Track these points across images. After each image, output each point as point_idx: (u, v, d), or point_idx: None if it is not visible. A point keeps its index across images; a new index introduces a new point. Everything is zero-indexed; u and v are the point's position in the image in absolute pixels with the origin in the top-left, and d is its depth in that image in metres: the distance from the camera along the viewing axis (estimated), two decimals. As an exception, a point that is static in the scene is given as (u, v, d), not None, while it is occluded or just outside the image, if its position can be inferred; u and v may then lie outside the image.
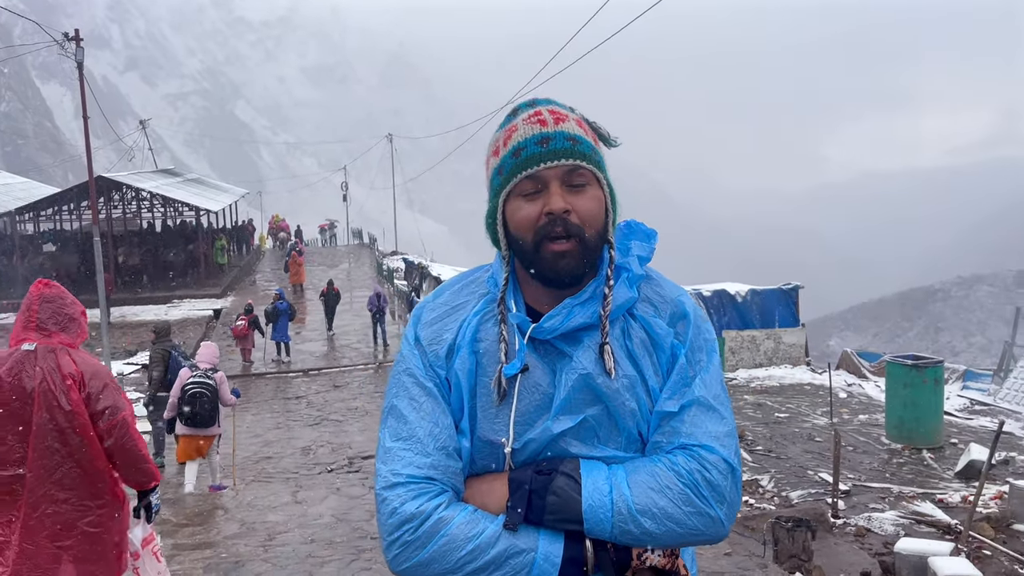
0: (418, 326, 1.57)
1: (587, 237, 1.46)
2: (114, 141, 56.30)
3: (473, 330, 1.51)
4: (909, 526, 7.61)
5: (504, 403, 1.46)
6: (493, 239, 1.56)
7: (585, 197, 1.47)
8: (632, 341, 1.50)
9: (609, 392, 1.46)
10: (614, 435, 1.47)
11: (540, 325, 1.47)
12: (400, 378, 1.53)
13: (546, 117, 1.48)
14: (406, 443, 1.46)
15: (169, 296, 28.31)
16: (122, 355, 18.51)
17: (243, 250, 40.83)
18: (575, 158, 1.45)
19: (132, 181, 32.98)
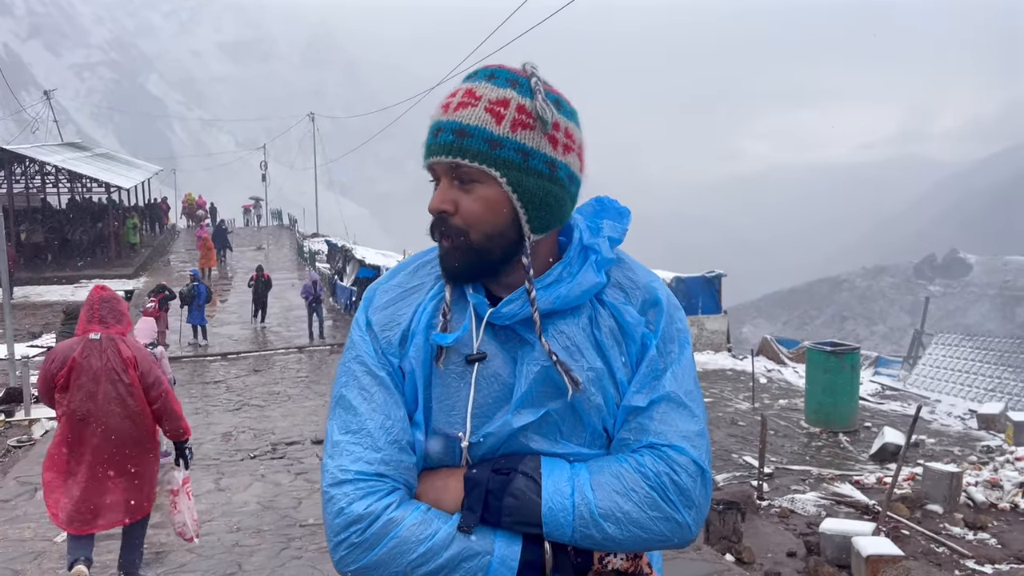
0: (369, 309, 1.45)
1: (471, 239, 1.33)
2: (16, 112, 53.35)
3: (429, 315, 1.40)
4: (830, 507, 7.88)
5: (459, 394, 1.36)
6: None
7: (469, 197, 1.33)
8: (600, 330, 1.39)
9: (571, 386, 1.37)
10: (578, 430, 1.37)
11: (498, 310, 1.35)
12: (350, 366, 1.42)
13: (452, 100, 1.34)
14: (355, 436, 1.35)
15: (77, 276, 27.03)
16: (26, 337, 17.56)
17: (156, 229, 39.32)
18: (455, 155, 1.31)
19: (35, 154, 31.27)
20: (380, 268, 20.04)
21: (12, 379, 12.68)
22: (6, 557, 6.58)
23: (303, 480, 8.63)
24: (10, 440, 10.55)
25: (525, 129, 1.33)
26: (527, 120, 1.33)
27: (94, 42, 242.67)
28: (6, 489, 8.53)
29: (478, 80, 1.35)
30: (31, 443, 10.45)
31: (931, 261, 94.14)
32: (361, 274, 20.94)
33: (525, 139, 1.32)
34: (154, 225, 39.09)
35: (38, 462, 9.44)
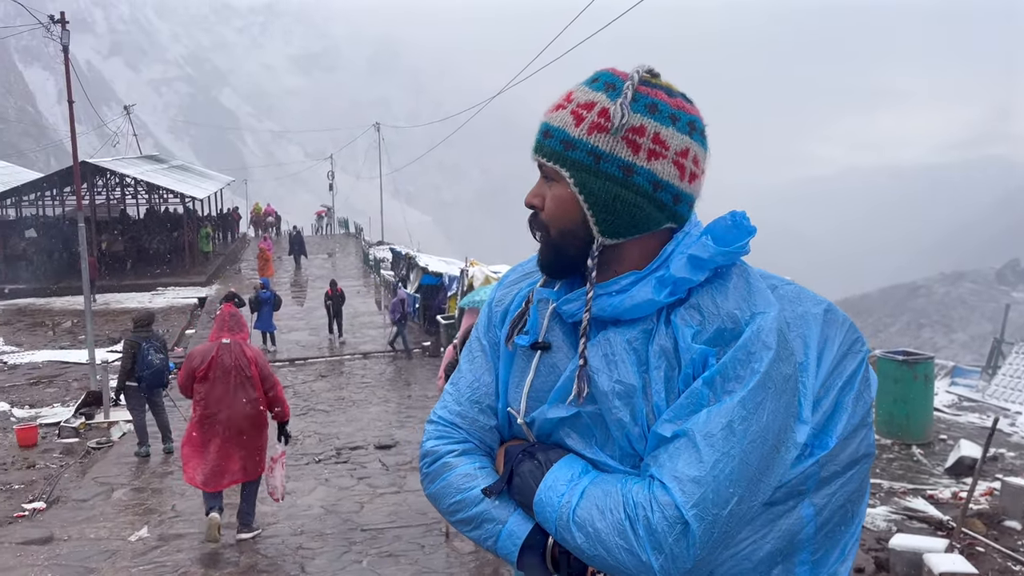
0: (499, 286, 1.62)
1: (551, 234, 1.42)
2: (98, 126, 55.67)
3: (521, 299, 1.54)
4: (901, 522, 7.61)
5: (524, 375, 1.47)
6: None
7: (550, 195, 1.41)
8: (652, 347, 1.34)
9: (599, 393, 1.36)
10: (609, 442, 1.38)
11: (559, 305, 1.44)
12: (473, 335, 1.62)
13: (555, 103, 1.42)
14: (452, 388, 1.56)
15: (153, 284, 28.03)
16: (105, 342, 18.28)
17: (228, 238, 40.51)
18: (538, 153, 1.41)
19: (116, 167, 32.58)
20: (443, 275, 20.18)
21: (93, 383, 13.21)
22: (81, 556, 6.84)
23: (365, 485, 8.76)
24: (90, 442, 10.99)
25: (601, 132, 1.33)
26: (605, 123, 1.33)
27: (171, 58, 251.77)
28: (84, 489, 8.89)
29: (584, 84, 1.41)
30: (109, 445, 10.87)
31: (1014, 266, 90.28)
32: (424, 281, 21.11)
33: (599, 142, 1.33)
34: (226, 234, 40.28)
35: (116, 463, 9.83)
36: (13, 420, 12.17)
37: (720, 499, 1.23)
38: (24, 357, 17.70)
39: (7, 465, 9.96)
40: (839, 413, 1.37)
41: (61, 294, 26.28)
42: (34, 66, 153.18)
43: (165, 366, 9.79)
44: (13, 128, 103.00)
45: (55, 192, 35.38)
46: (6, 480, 9.34)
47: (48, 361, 17.31)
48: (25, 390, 14.63)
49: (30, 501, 8.50)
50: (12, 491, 8.94)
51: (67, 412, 12.47)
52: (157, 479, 9.17)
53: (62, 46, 14.23)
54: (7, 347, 18.96)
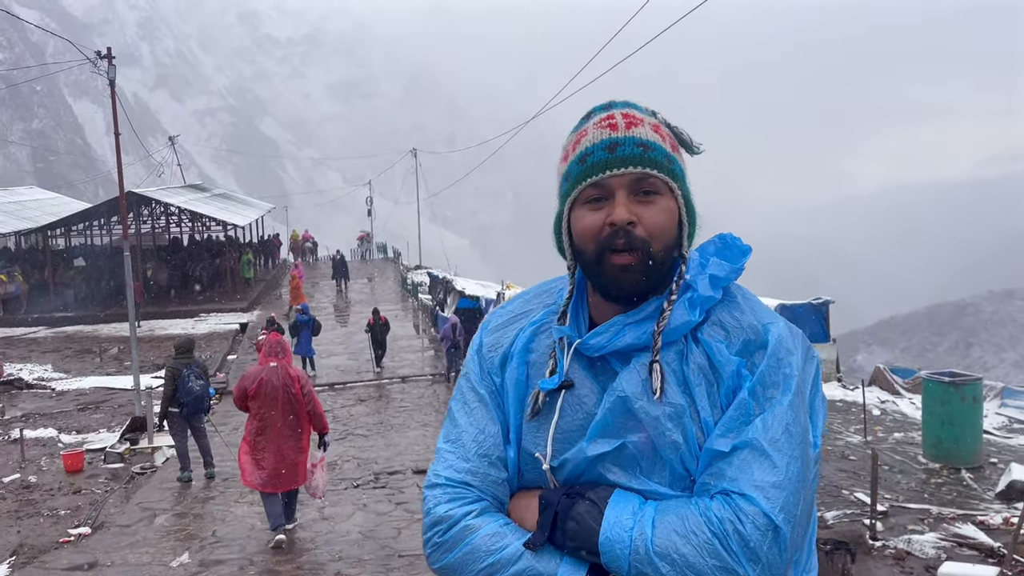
0: (484, 331, 1.56)
1: (653, 251, 1.35)
2: (144, 157, 57.12)
3: (526, 340, 1.49)
4: (950, 549, 7.39)
5: (546, 418, 1.41)
6: (559, 248, 1.49)
7: (654, 208, 1.37)
8: (688, 366, 1.37)
9: (648, 419, 1.34)
10: (657, 468, 1.35)
11: (586, 341, 1.40)
12: (460, 382, 1.54)
13: (618, 121, 1.39)
14: (452, 445, 1.46)
15: (196, 310, 28.52)
16: (150, 368, 18.62)
17: (269, 264, 41.12)
18: (644, 165, 1.36)
19: (161, 196, 33.36)
20: (480, 299, 20.23)
21: (138, 408, 13.45)
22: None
23: (403, 510, 8.76)
24: (134, 467, 11.17)
25: (676, 152, 1.43)
26: (672, 140, 1.43)
27: (214, 89, 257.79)
28: (128, 514, 9.02)
29: (620, 107, 1.43)
30: (153, 470, 11.04)
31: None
32: (461, 304, 21.20)
33: (680, 159, 1.43)
34: (267, 260, 40.91)
35: (159, 488, 9.97)
36: (60, 446, 12.42)
37: (796, 500, 1.30)
38: (72, 383, 18.10)
39: (54, 491, 10.16)
40: (816, 414, 1.43)
41: (108, 321, 26.88)
42: (83, 100, 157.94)
43: (205, 392, 9.92)
44: (63, 160, 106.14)
45: (103, 222, 36.30)
46: (53, 505, 9.53)
47: (95, 387, 17.68)
48: (72, 416, 14.94)
49: (76, 526, 8.65)
50: (58, 517, 9.11)
51: (112, 438, 12.70)
52: (199, 504, 9.28)
53: (109, 80, 14.66)
54: (56, 373, 19.42)
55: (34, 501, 9.71)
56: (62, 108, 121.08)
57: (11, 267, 29.99)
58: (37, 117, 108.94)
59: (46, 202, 39.41)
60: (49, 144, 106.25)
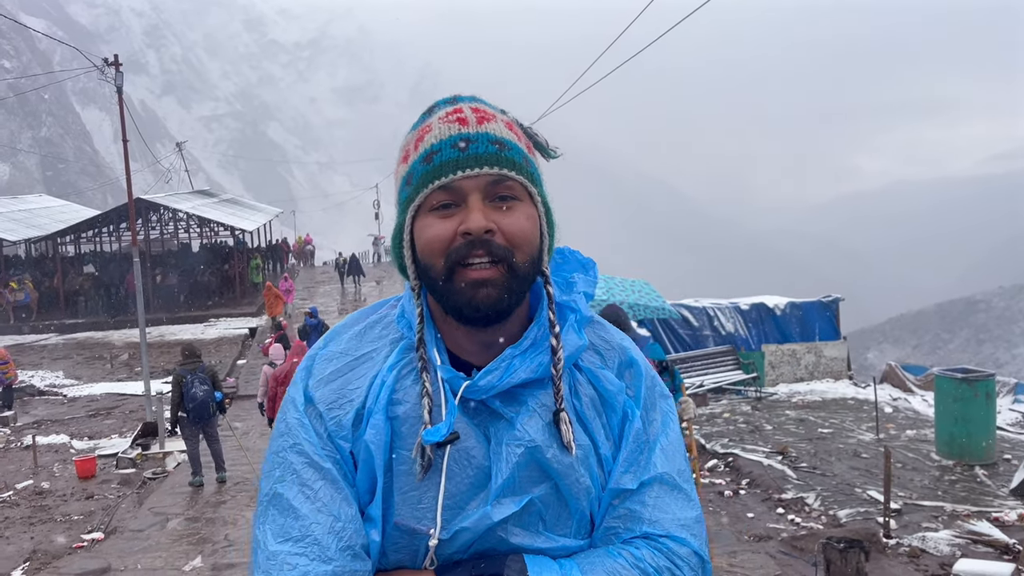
0: (309, 383, 1.22)
1: (516, 263, 1.13)
2: (151, 163, 57.42)
3: (389, 390, 1.18)
4: (965, 546, 7.35)
5: (428, 481, 1.15)
6: (399, 265, 1.23)
7: (514, 214, 1.14)
8: (581, 401, 1.22)
9: (562, 468, 1.17)
10: (563, 519, 1.19)
11: (475, 383, 1.15)
12: (285, 456, 1.17)
13: (468, 115, 1.16)
14: (298, 545, 1.11)
15: (205, 315, 28.61)
16: (160, 374, 18.69)
17: (277, 269, 41.24)
18: (501, 165, 1.13)
19: (169, 202, 33.51)
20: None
21: (148, 414, 13.50)
22: (140, 585, 6.94)
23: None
24: (146, 472, 11.21)
25: (532, 154, 1.22)
26: (527, 141, 1.23)
27: (221, 95, 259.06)
28: (140, 519, 9.05)
29: (468, 101, 1.22)
30: (165, 475, 11.08)
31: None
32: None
33: (536, 160, 1.23)
34: (276, 265, 41.03)
35: (171, 493, 10.01)
36: (73, 452, 12.48)
37: (704, 526, 1.24)
38: (83, 390, 18.20)
39: (67, 496, 10.20)
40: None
41: (118, 327, 27.01)
42: (91, 107, 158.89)
43: (210, 397, 9.88)
44: (72, 168, 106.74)
45: (112, 228, 36.48)
46: (66, 511, 9.57)
47: (106, 393, 17.76)
48: (84, 422, 15.01)
49: (89, 532, 8.68)
50: (72, 522, 9.15)
51: (124, 443, 12.75)
52: (211, 508, 9.30)
53: (116, 88, 14.74)
54: (67, 380, 19.52)
55: (47, 507, 9.76)
56: (70, 116, 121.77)
57: (21, 275, 30.16)
58: (45, 125, 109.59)
59: (55, 210, 39.61)
60: (57, 152, 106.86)
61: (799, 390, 15.78)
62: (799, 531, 7.83)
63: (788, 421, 12.96)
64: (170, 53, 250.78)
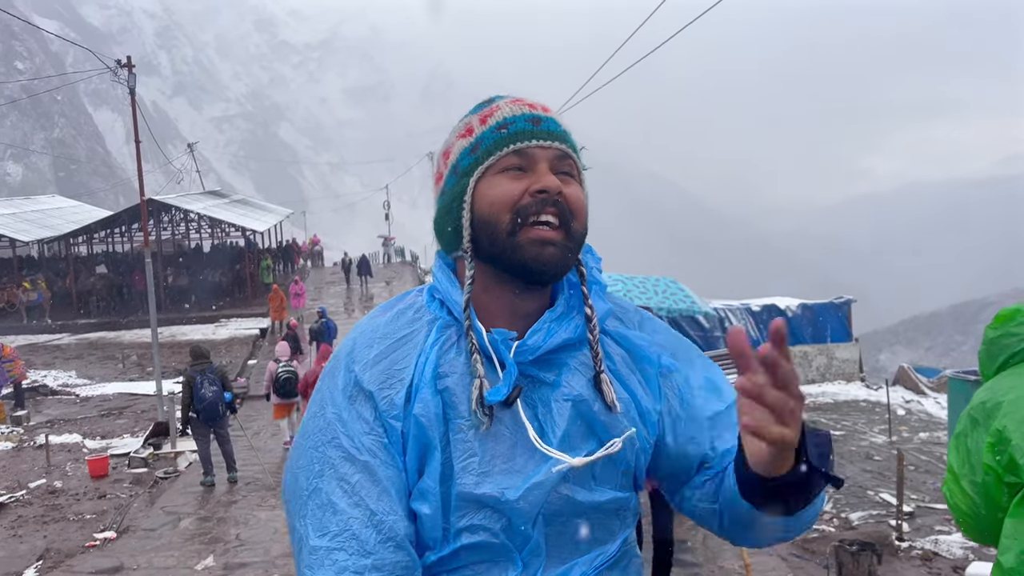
0: (355, 369, 1.23)
1: (574, 229, 1.21)
2: (163, 164, 57.70)
3: (434, 364, 1.21)
4: (978, 549, 7.30)
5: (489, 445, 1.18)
6: (450, 235, 1.27)
7: (574, 186, 1.23)
8: (614, 361, 1.29)
9: (608, 422, 1.23)
10: (610, 473, 1.25)
11: (524, 343, 1.21)
12: (324, 452, 1.19)
13: (534, 103, 1.28)
14: (337, 540, 1.14)
15: (217, 315, 28.73)
16: (172, 374, 18.77)
17: (288, 269, 41.36)
18: (567, 144, 1.25)
19: (181, 203, 33.66)
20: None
21: (160, 414, 13.57)
22: (152, 584, 6.97)
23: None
24: (158, 472, 11.26)
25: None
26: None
27: (232, 96, 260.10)
28: (153, 518, 9.09)
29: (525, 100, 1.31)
30: (176, 474, 11.12)
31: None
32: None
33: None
34: (286, 265, 41.16)
35: (183, 492, 10.05)
36: (85, 451, 12.55)
37: None
38: (96, 389, 18.30)
39: (79, 495, 10.26)
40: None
41: (130, 327, 27.16)
42: (103, 108, 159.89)
43: (219, 398, 9.89)
44: (84, 168, 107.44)
45: (124, 229, 36.68)
46: (79, 510, 9.62)
47: (118, 393, 17.86)
48: (96, 422, 15.09)
49: (101, 531, 8.73)
50: (84, 521, 9.20)
51: (136, 443, 12.81)
52: (222, 508, 9.34)
53: (129, 89, 14.81)
54: (80, 380, 19.63)
55: (60, 506, 9.81)
56: (82, 117, 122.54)
57: (34, 275, 30.37)
58: (58, 126, 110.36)
59: (68, 210, 39.87)
60: (70, 153, 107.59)
61: (811, 392, 15.71)
62: (811, 534, 7.80)
63: (799, 423, 12.89)
64: (181, 54, 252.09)
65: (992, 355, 2.31)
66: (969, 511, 2.15)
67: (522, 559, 1.21)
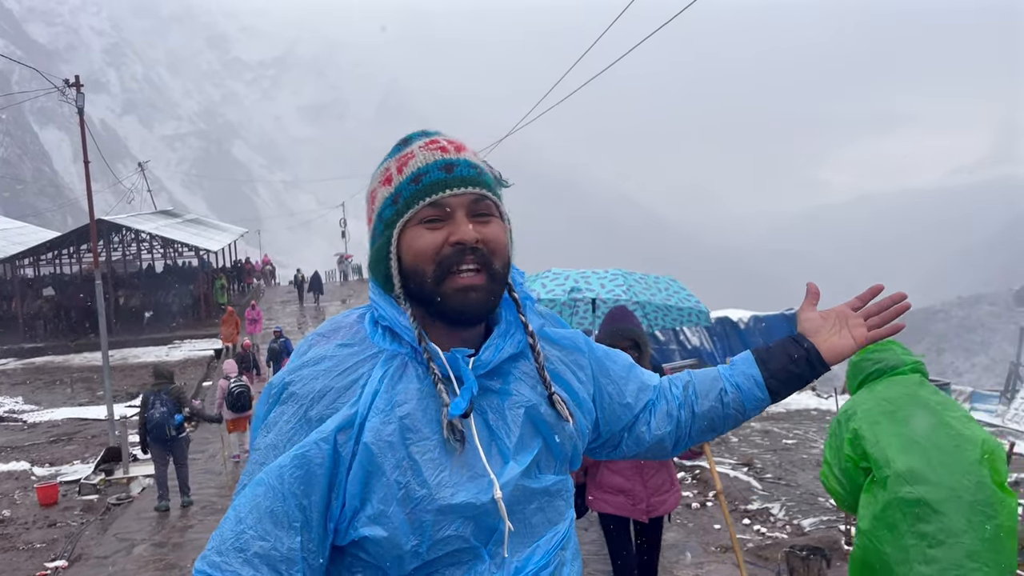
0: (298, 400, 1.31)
1: (495, 268, 1.33)
2: (113, 184, 56.61)
3: (386, 396, 1.29)
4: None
5: (455, 456, 1.29)
6: (382, 280, 1.37)
7: (492, 227, 1.34)
8: (550, 361, 1.47)
9: (552, 422, 1.39)
10: (550, 463, 1.43)
11: (478, 358, 1.34)
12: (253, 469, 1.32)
13: (446, 145, 1.36)
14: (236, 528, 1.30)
15: (170, 337, 28.25)
16: (124, 398, 18.42)
17: (243, 288, 40.85)
18: (481, 186, 1.34)
19: (132, 223, 33.09)
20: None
21: (112, 439, 13.30)
22: (105, 612, 6.84)
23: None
24: (110, 498, 11.03)
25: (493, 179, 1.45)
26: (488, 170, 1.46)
27: (183, 114, 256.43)
28: (105, 545, 8.92)
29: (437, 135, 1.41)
30: (129, 500, 10.91)
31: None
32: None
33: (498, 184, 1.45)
34: (240, 285, 40.66)
35: (136, 519, 9.88)
36: (34, 479, 12.24)
37: None
38: (44, 415, 17.85)
39: (28, 524, 10.02)
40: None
41: (79, 351, 26.55)
42: (49, 127, 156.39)
43: (167, 419, 9.76)
44: (30, 188, 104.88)
45: (72, 250, 35.91)
46: (28, 539, 9.39)
47: (67, 418, 17.44)
48: (45, 448, 14.73)
49: (52, 560, 8.53)
50: (34, 550, 8.98)
51: (87, 469, 12.54)
52: (177, 533, 9.20)
53: (78, 109, 14.60)
54: (27, 406, 19.13)
55: (9, 535, 9.57)
56: (28, 136, 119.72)
57: (-21, 298, 29.55)
58: (2, 145, 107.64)
59: (12, 231, 38.86)
60: (15, 173, 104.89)
61: (764, 402, 15.97)
62: (764, 541, 7.96)
63: (753, 433, 13.14)
64: (131, 71, 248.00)
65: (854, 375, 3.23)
66: (839, 490, 3.07)
67: (488, 552, 1.32)
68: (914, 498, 2.78)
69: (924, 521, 2.76)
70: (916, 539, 2.76)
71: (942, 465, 2.81)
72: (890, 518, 2.82)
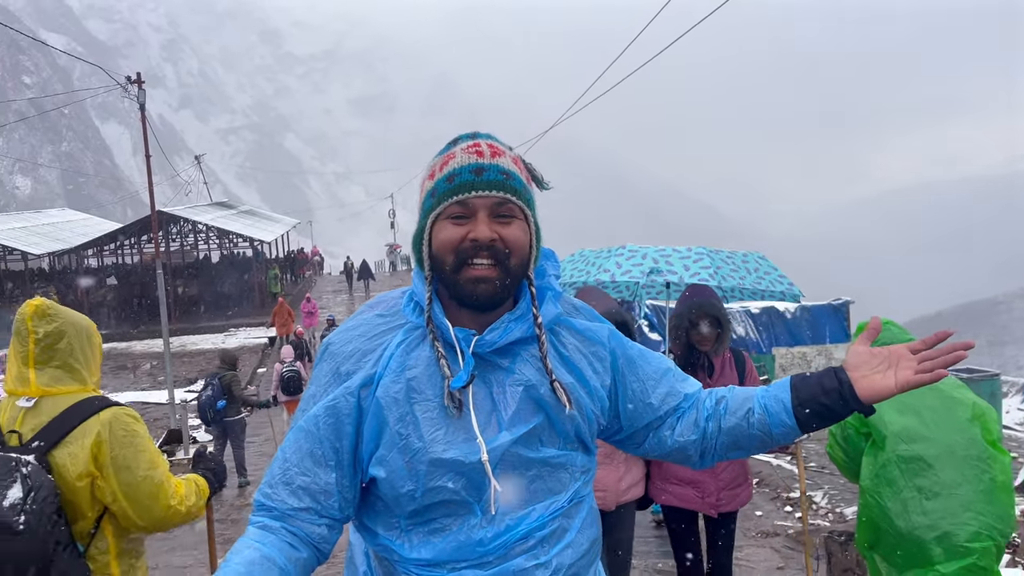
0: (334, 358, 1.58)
1: (511, 265, 1.51)
2: (171, 176, 58.18)
3: (400, 359, 1.53)
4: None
5: (455, 420, 1.50)
6: (418, 259, 1.60)
7: (512, 227, 1.51)
8: (567, 348, 1.62)
9: (551, 401, 1.54)
10: (553, 437, 1.57)
11: (482, 338, 1.52)
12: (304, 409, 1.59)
13: (484, 149, 1.53)
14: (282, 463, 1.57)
15: (226, 325, 29.01)
16: (183, 383, 19.07)
17: (295, 279, 41.72)
18: (506, 191, 1.50)
19: (189, 215, 34.01)
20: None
21: (173, 421, 13.84)
22: (170, 582, 7.24)
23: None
24: (172, 477, 11.53)
25: (529, 184, 1.60)
26: (527, 174, 1.60)
27: (237, 107, 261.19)
28: (169, 521, 9.37)
29: (485, 138, 1.59)
30: (190, 480, 11.40)
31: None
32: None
33: (532, 190, 1.60)
34: (293, 275, 41.51)
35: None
36: (101, 459, 12.81)
37: None
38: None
39: (97, 501, 10.54)
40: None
41: (140, 338, 27.48)
42: (110, 121, 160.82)
43: (210, 403, 10.29)
44: (92, 181, 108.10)
45: (133, 241, 37.09)
46: (97, 514, 9.90)
47: (131, 402, 18.14)
48: (111, 430, 15.35)
49: (119, 534, 9.00)
50: (103, 525, 9.47)
51: (150, 450, 13.08)
52: (235, 511, 9.62)
53: (139, 105, 15.14)
54: (93, 390, 19.89)
55: (78, 511, 10.09)
56: (89, 130, 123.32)
57: (46, 287, 30.74)
58: (65, 140, 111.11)
59: (77, 223, 40.31)
60: (78, 166, 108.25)
61: (811, 392, 15.82)
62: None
63: (799, 422, 13.08)
64: (187, 67, 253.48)
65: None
66: (843, 456, 3.35)
67: (480, 507, 1.52)
68: (910, 455, 3.03)
69: (920, 476, 3.01)
70: (914, 492, 3.01)
71: (935, 424, 3.06)
72: (889, 474, 3.07)
